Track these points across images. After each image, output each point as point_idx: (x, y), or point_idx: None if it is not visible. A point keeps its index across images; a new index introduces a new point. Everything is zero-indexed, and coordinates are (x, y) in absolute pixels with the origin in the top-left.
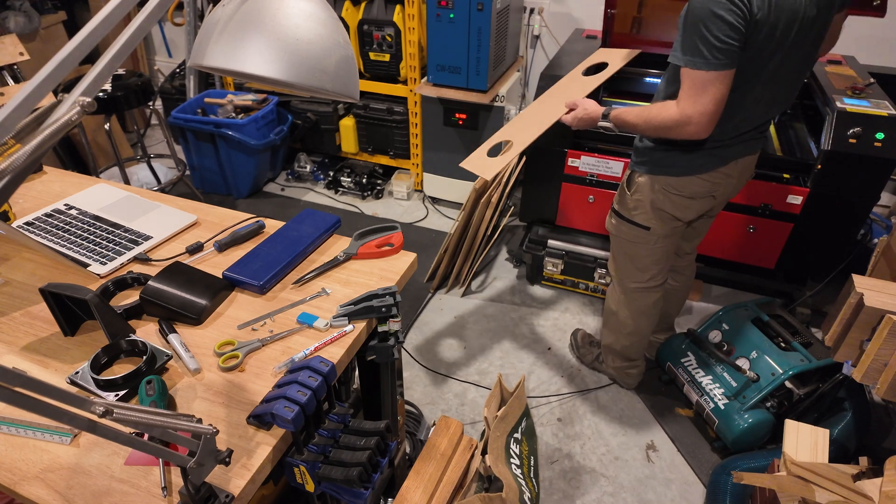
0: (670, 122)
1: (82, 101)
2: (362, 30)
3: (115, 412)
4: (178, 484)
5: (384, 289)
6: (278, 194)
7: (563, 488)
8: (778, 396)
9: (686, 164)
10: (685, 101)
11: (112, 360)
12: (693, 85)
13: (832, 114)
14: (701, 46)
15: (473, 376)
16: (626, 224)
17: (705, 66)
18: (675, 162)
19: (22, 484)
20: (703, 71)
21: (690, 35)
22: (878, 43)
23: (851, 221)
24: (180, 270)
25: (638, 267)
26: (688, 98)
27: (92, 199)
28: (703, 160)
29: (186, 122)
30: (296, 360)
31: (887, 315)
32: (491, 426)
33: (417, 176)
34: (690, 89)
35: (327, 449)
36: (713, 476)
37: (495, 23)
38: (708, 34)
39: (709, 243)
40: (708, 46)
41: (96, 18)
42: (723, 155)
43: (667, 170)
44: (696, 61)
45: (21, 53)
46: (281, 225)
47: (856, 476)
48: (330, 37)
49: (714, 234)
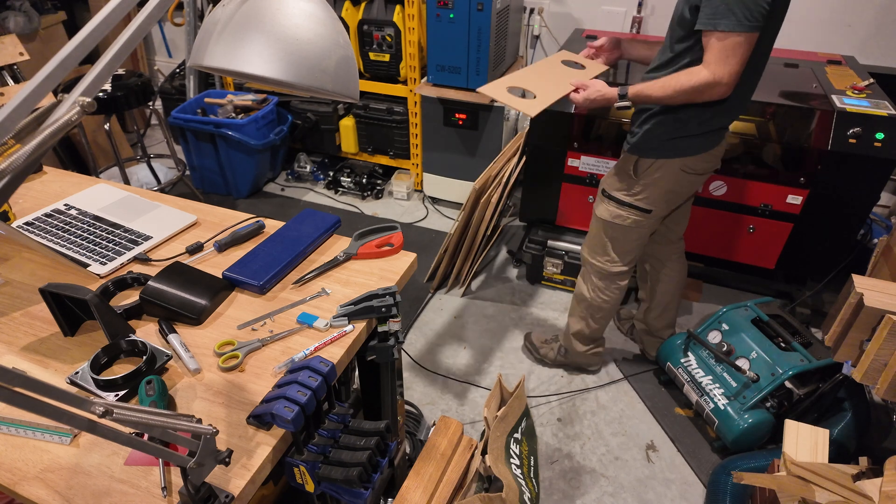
0: (701, 85)
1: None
2: (362, 30)
3: (115, 412)
4: (178, 484)
5: (384, 289)
6: (278, 194)
7: (563, 488)
8: (778, 396)
9: (701, 143)
10: (715, 64)
11: (112, 361)
12: (724, 48)
13: (832, 114)
14: (735, 8)
15: (473, 376)
16: (627, 209)
17: (738, 28)
18: (692, 143)
19: (22, 484)
20: (735, 33)
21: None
22: (878, 43)
23: (851, 221)
24: (180, 270)
25: (621, 251)
26: (718, 61)
27: (92, 199)
28: (714, 137)
29: (186, 122)
30: (296, 360)
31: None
32: (491, 426)
33: (417, 176)
34: (721, 52)
35: (327, 449)
36: (713, 476)
37: (495, 23)
38: None
39: (709, 243)
40: (742, 8)
41: (96, 18)
42: (723, 133)
43: (685, 151)
44: (730, 23)
45: (21, 53)
46: (281, 225)
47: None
48: (330, 37)
49: (714, 234)
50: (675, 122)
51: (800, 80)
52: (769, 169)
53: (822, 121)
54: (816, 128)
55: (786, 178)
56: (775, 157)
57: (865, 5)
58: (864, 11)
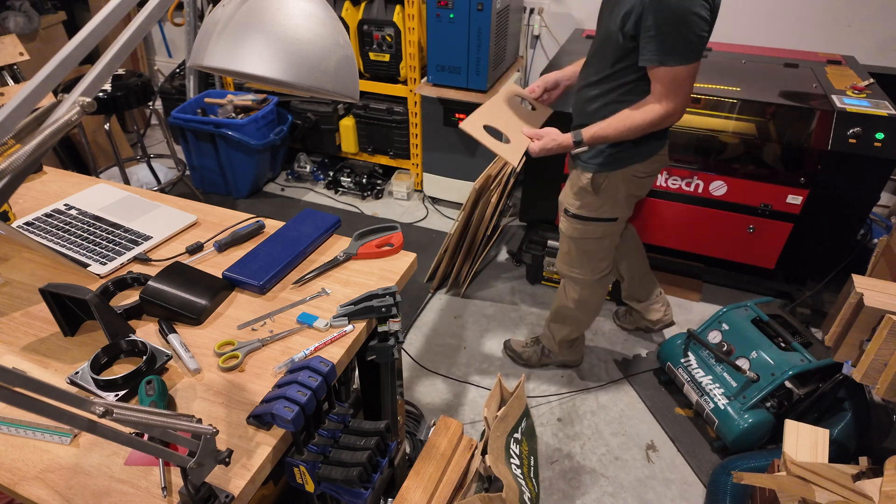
0: (656, 119)
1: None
2: (362, 30)
3: (115, 412)
4: (178, 484)
5: (384, 289)
6: (278, 194)
7: (563, 488)
8: (778, 396)
9: (650, 148)
10: (667, 97)
11: (112, 360)
12: (673, 81)
13: (832, 114)
14: (682, 45)
15: (473, 376)
16: (594, 223)
17: (686, 62)
18: (641, 150)
19: (22, 484)
20: (683, 66)
21: (669, 36)
22: (878, 43)
23: (851, 221)
24: (180, 270)
25: (599, 258)
26: (669, 94)
27: (92, 199)
28: (659, 140)
29: (186, 122)
30: (296, 360)
31: (887, 315)
32: (491, 426)
33: (417, 176)
34: (671, 85)
35: (327, 449)
36: (713, 476)
37: (495, 23)
38: (689, 33)
39: (709, 243)
40: (687, 44)
41: (96, 18)
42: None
43: (634, 159)
44: (677, 59)
45: (21, 53)
46: (281, 225)
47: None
48: (330, 37)
49: (714, 234)
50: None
51: (800, 80)
52: (769, 169)
53: (822, 121)
54: (816, 128)
55: (786, 178)
56: (775, 157)
57: (865, 5)
58: (864, 11)
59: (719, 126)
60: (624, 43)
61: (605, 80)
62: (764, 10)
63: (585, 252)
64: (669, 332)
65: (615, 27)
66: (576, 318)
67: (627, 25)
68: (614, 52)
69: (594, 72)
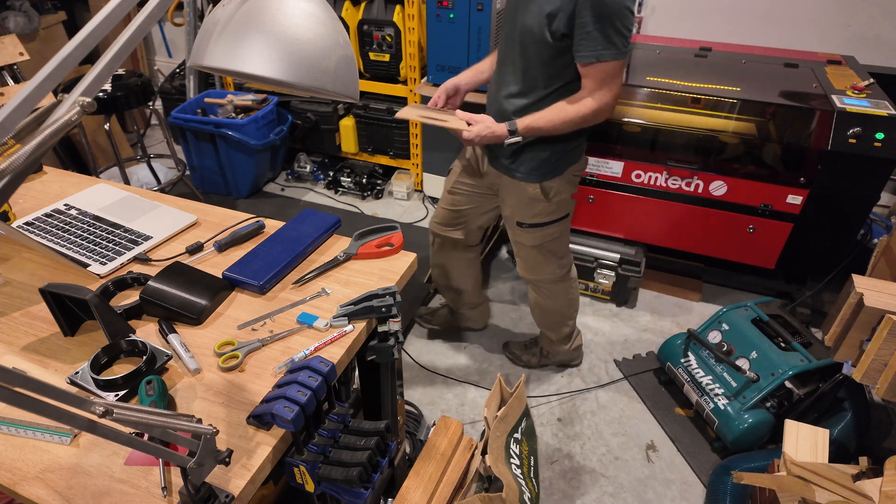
0: (589, 114)
1: (82, 101)
2: (362, 30)
3: (115, 412)
4: (178, 484)
5: (384, 289)
6: (278, 194)
7: (563, 488)
8: (778, 396)
9: (580, 149)
10: (600, 92)
11: (112, 360)
12: (606, 75)
13: (832, 114)
14: (615, 39)
15: (473, 376)
16: (552, 226)
17: (618, 56)
18: (573, 153)
19: (22, 484)
20: (615, 61)
21: (603, 31)
22: (878, 43)
23: (851, 221)
24: (180, 270)
25: (561, 255)
26: (601, 89)
27: (92, 200)
28: (585, 140)
29: (186, 122)
30: (296, 360)
31: (887, 315)
32: (491, 426)
33: (417, 176)
34: (604, 80)
35: (327, 449)
36: (713, 476)
37: (495, 23)
38: (621, 27)
39: (709, 243)
40: (620, 38)
41: (96, 18)
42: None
43: (570, 161)
44: (611, 53)
45: (21, 53)
46: (281, 225)
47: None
48: (330, 37)
49: (714, 233)
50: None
51: (800, 80)
52: (769, 169)
53: (822, 121)
54: (816, 128)
55: (786, 178)
56: (775, 156)
57: (865, 5)
58: (863, 11)
59: (719, 126)
60: (554, 42)
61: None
62: (764, 11)
63: (550, 252)
64: (670, 333)
65: (539, 27)
66: (562, 313)
67: (556, 24)
68: (542, 52)
69: (521, 77)
